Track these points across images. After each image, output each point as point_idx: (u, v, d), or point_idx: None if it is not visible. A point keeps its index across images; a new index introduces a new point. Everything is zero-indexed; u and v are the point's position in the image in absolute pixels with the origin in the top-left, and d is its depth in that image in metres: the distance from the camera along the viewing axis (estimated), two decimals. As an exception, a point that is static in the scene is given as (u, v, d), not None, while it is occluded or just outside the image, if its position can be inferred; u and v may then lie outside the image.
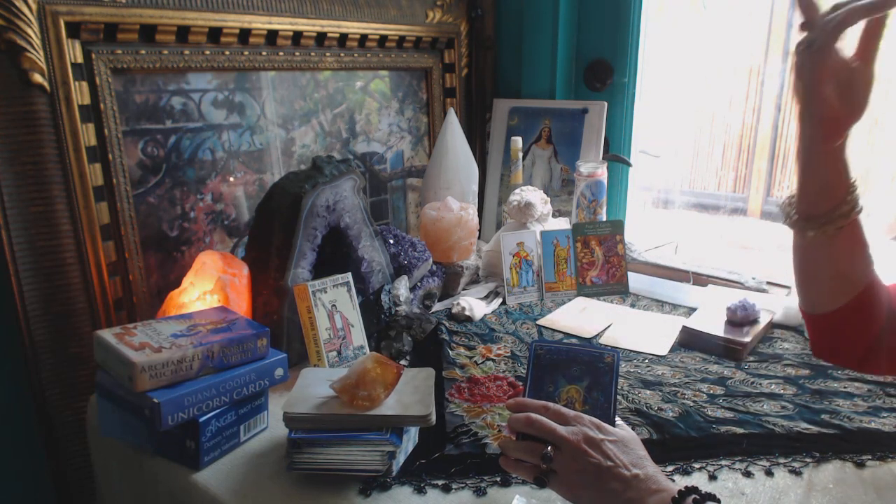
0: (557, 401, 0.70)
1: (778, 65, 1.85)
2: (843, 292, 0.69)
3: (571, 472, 0.61)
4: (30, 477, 1.04)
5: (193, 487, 0.74)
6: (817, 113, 0.62)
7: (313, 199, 1.00)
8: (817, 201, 0.65)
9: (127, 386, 0.72)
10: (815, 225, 0.66)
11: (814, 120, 0.62)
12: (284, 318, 1.00)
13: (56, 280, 0.95)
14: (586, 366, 0.72)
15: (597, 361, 0.72)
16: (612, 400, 0.69)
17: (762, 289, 1.26)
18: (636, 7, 1.44)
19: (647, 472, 0.60)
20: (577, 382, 0.71)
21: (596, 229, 1.31)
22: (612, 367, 0.71)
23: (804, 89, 0.61)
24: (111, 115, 0.98)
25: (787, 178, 2.16)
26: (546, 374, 0.73)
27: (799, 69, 0.61)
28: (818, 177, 0.65)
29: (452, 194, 1.37)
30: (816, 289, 0.72)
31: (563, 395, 0.71)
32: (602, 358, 0.72)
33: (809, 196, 0.66)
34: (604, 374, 0.71)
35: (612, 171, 1.50)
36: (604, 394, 0.70)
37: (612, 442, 0.62)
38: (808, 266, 0.72)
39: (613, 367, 0.71)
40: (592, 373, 0.71)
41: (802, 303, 0.75)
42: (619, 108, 1.52)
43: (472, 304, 1.20)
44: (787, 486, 0.70)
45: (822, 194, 0.65)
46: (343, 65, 1.33)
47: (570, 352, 0.74)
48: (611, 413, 0.68)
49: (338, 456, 0.70)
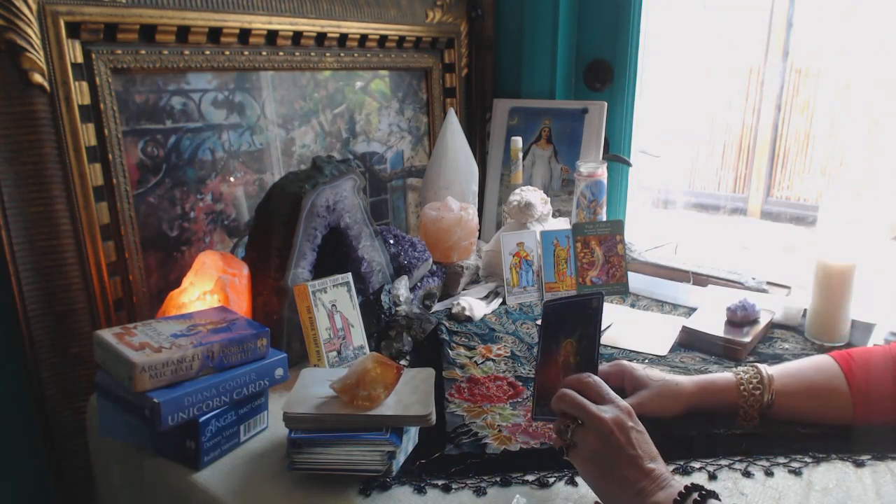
0: (558, 358, 0.69)
1: (778, 65, 1.85)
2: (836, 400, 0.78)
3: (592, 448, 0.62)
4: (30, 477, 1.04)
5: (193, 487, 0.74)
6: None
7: (313, 199, 1.00)
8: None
9: (127, 386, 0.72)
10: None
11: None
12: (284, 318, 1.00)
13: (56, 280, 0.95)
14: (577, 316, 0.71)
15: (585, 308, 0.71)
16: (595, 346, 0.68)
17: (762, 289, 1.26)
18: (636, 7, 1.44)
19: (660, 468, 0.61)
20: (570, 336, 0.71)
21: (596, 229, 1.31)
22: (596, 312, 0.70)
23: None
24: (111, 115, 0.98)
25: (787, 178, 2.17)
26: (553, 334, 0.72)
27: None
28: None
29: (452, 194, 1.37)
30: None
31: (561, 351, 0.71)
32: (589, 304, 0.71)
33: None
34: (589, 320, 0.70)
35: (612, 171, 1.50)
36: (589, 341, 0.69)
37: (638, 432, 0.63)
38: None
39: (597, 312, 0.70)
40: (582, 323, 0.70)
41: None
42: (619, 108, 1.52)
43: (472, 304, 1.20)
44: (787, 486, 0.70)
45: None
46: (343, 65, 1.33)
47: (565, 305, 0.73)
48: (594, 359, 0.67)
49: (338, 456, 0.70)
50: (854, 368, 0.78)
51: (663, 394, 0.80)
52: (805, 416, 0.80)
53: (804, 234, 1.97)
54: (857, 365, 0.79)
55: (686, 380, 0.82)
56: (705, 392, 0.81)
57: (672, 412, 0.80)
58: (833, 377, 0.79)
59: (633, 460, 0.61)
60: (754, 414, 0.80)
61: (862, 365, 0.79)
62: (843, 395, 0.78)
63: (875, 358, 0.79)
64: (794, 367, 0.83)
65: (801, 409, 0.80)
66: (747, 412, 0.80)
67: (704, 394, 0.81)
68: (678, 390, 0.81)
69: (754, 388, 0.80)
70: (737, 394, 0.80)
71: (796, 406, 0.80)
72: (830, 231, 1.11)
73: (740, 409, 0.80)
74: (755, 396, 0.79)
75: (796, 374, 0.81)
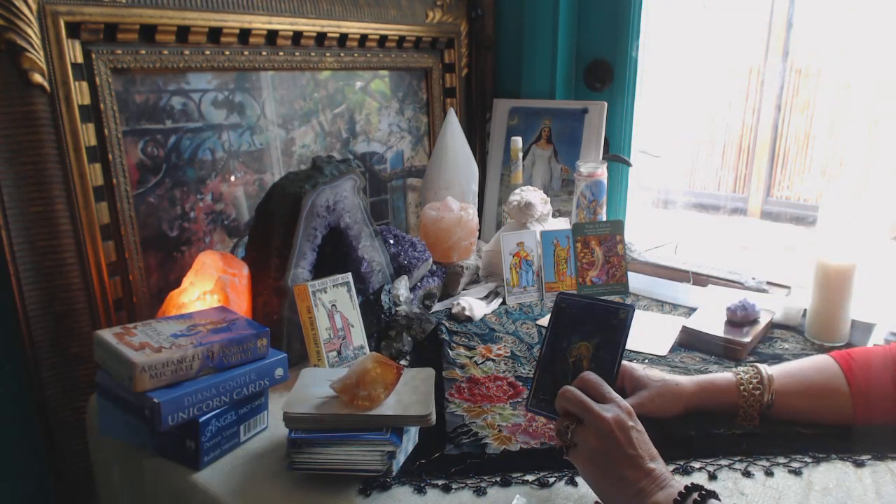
0: (567, 357, 0.69)
1: (778, 65, 1.85)
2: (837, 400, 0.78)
3: (592, 448, 0.62)
4: (30, 476, 1.04)
5: (193, 487, 0.74)
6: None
7: (313, 199, 1.00)
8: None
9: (127, 386, 0.72)
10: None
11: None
12: (284, 318, 1.00)
13: (56, 280, 0.95)
14: (599, 322, 0.70)
15: (610, 317, 0.70)
16: (617, 359, 0.68)
17: (762, 289, 1.26)
18: (636, 7, 1.44)
19: (660, 468, 0.61)
20: (588, 339, 0.70)
21: (596, 229, 1.31)
22: (624, 324, 0.69)
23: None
24: (111, 115, 0.98)
25: (787, 178, 2.17)
26: (564, 329, 0.72)
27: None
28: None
29: (452, 194, 1.37)
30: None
31: (573, 351, 0.70)
32: (616, 314, 0.70)
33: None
34: (614, 330, 0.69)
35: (612, 171, 1.50)
36: (610, 352, 0.68)
37: (638, 431, 0.63)
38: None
39: (626, 324, 0.69)
40: (603, 329, 0.69)
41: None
42: (619, 108, 1.52)
43: (472, 304, 1.20)
44: (787, 486, 0.70)
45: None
46: (343, 65, 1.33)
47: (588, 306, 0.72)
48: (613, 372, 0.67)
49: (338, 456, 0.70)
50: (854, 368, 0.78)
51: (663, 394, 0.80)
52: (805, 416, 0.80)
53: (804, 234, 1.97)
54: (857, 365, 0.79)
55: (686, 380, 0.82)
56: (705, 392, 0.81)
57: (672, 412, 0.80)
58: (833, 377, 0.79)
59: (634, 460, 0.61)
60: (754, 414, 0.80)
61: (862, 365, 0.79)
62: (843, 395, 0.78)
63: (875, 358, 0.79)
64: (794, 367, 0.83)
65: (801, 409, 0.80)
66: (747, 412, 0.80)
67: (704, 394, 0.81)
68: (678, 390, 0.81)
69: (754, 388, 0.80)
70: (737, 394, 0.80)
71: (796, 406, 0.80)
72: (830, 231, 1.11)
73: (740, 409, 0.80)
74: (755, 396, 0.79)
75: (796, 374, 0.81)
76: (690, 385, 0.82)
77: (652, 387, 0.81)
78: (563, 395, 0.66)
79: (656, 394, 0.80)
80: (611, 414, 0.62)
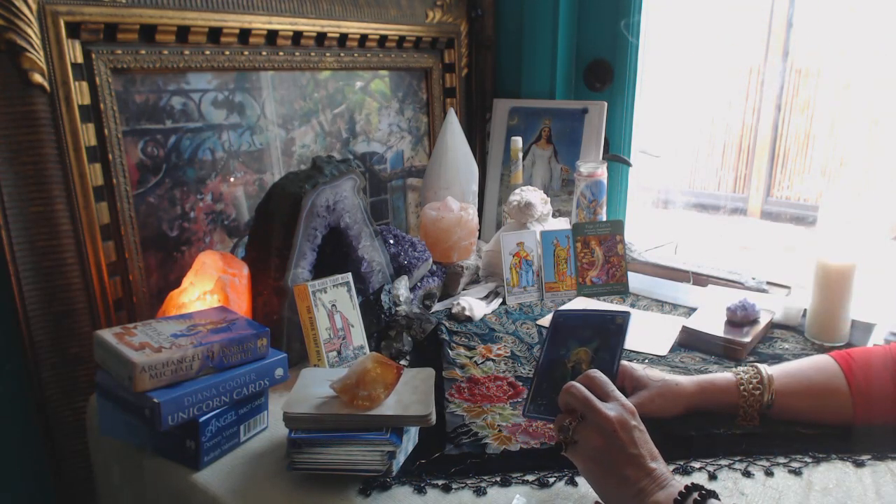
0: (567, 363, 0.70)
1: (778, 65, 1.85)
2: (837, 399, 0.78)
3: (594, 446, 0.62)
4: (30, 476, 1.04)
5: (193, 487, 0.74)
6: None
7: (313, 199, 1.00)
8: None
9: (127, 386, 0.72)
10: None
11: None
12: (284, 318, 1.00)
13: (56, 280, 0.95)
14: (597, 328, 0.72)
15: (608, 323, 0.72)
16: (616, 359, 0.69)
17: (762, 289, 1.26)
18: (636, 7, 1.44)
19: (661, 468, 0.61)
20: (587, 344, 0.71)
21: (596, 229, 1.31)
22: (621, 328, 0.71)
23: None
24: (111, 115, 0.98)
25: (787, 178, 2.17)
26: (562, 339, 0.73)
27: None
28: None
29: (452, 194, 1.37)
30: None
31: (572, 356, 0.71)
32: (613, 320, 0.72)
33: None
34: (613, 334, 0.71)
35: (612, 171, 1.50)
36: (609, 355, 0.70)
37: (641, 431, 0.63)
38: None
39: (623, 328, 0.71)
40: (602, 334, 0.72)
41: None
42: (619, 108, 1.52)
43: (472, 304, 1.20)
44: (787, 486, 0.70)
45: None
46: (343, 65, 1.33)
47: (584, 317, 0.75)
48: (613, 371, 0.68)
49: (338, 456, 0.70)
50: (854, 368, 0.78)
51: (663, 394, 0.80)
52: (805, 416, 0.80)
53: (804, 234, 1.97)
54: (857, 365, 0.79)
55: (686, 380, 0.83)
56: (705, 392, 0.81)
57: (672, 412, 0.80)
58: (833, 377, 0.79)
59: (635, 459, 0.61)
60: (754, 414, 0.80)
61: (862, 365, 0.79)
62: (843, 395, 0.78)
63: (875, 358, 0.79)
64: (794, 367, 0.83)
65: (801, 409, 0.80)
66: (747, 412, 0.80)
67: (704, 394, 0.81)
68: (678, 390, 0.81)
69: (754, 388, 0.80)
70: (737, 394, 0.80)
71: (796, 406, 0.80)
72: (830, 231, 1.11)
73: (740, 409, 0.80)
74: (755, 396, 0.79)
75: (796, 373, 0.81)
76: (690, 385, 0.82)
77: (652, 387, 0.81)
78: (568, 391, 0.66)
79: (656, 394, 0.80)
80: (614, 413, 0.62)
